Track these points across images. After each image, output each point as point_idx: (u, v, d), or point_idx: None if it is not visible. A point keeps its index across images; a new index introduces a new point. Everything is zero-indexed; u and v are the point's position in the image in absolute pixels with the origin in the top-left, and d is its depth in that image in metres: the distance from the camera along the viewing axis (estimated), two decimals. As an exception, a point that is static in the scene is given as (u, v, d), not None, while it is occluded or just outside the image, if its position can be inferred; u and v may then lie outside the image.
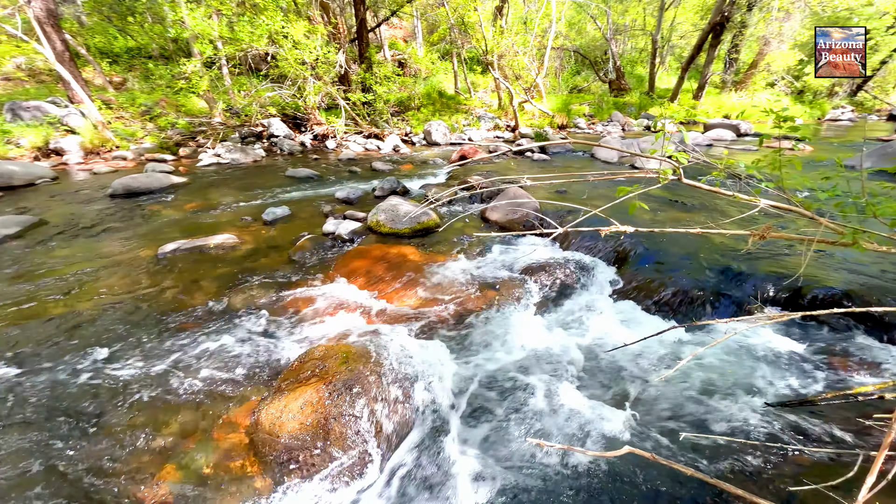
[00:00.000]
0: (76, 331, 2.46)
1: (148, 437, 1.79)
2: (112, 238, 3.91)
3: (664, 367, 1.91)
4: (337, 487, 1.57)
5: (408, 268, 3.01)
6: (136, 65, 12.76)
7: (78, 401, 1.96)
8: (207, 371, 2.15)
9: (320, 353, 1.93)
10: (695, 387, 1.77)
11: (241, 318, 2.55)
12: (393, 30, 18.93)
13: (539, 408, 1.70)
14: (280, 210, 4.40)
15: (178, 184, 5.85)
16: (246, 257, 3.42)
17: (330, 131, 9.52)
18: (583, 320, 2.35)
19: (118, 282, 3.06)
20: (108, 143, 8.02)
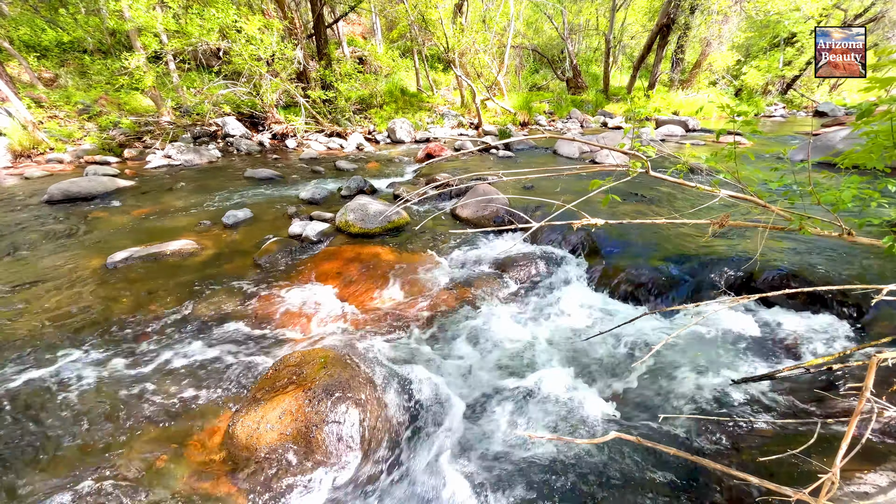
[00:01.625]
0: (12, 347, 2.23)
1: (108, 461, 1.66)
2: (52, 249, 3.58)
3: (638, 351, 1.99)
4: (321, 498, 1.52)
5: (381, 268, 2.96)
6: (69, 60, 11.74)
7: (20, 420, 1.78)
8: (172, 385, 2.02)
9: (296, 359, 1.86)
10: (668, 369, 1.87)
11: (207, 328, 2.42)
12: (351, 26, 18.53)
13: (523, 400, 1.72)
14: (241, 213, 4.20)
15: (124, 188, 5.45)
16: (207, 264, 3.24)
17: (289, 130, 9.20)
18: (557, 311, 2.41)
19: (63, 297, 2.80)
20: (40, 144, 7.33)
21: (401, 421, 1.73)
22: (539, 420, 1.62)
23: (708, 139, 8.56)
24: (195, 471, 1.65)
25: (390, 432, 1.68)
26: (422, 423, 1.73)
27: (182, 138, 8.46)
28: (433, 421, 1.73)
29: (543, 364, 1.95)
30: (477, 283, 2.72)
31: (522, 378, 1.84)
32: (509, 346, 2.14)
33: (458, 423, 1.72)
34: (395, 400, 1.77)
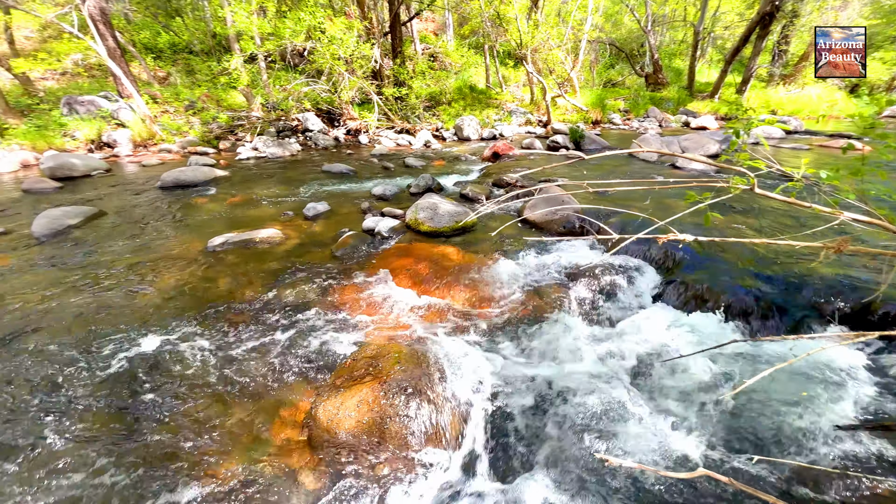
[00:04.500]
0: (133, 320, 2.59)
1: (205, 426, 1.88)
2: (163, 230, 4.10)
3: (725, 381, 1.85)
4: (390, 487, 1.60)
5: (450, 267, 3.02)
6: (178, 60, 13.25)
7: (136, 388, 2.07)
8: (261, 364, 2.23)
9: (373, 351, 1.97)
10: (761, 405, 1.71)
11: (291, 313, 2.63)
12: (424, 23, 18.87)
13: (598, 419, 1.68)
14: (320, 206, 4.49)
15: (220, 177, 6.06)
16: (291, 252, 3.52)
17: (363, 126, 9.63)
18: (633, 328, 2.30)
19: (171, 274, 3.21)
20: (155, 136, 8.38)
21: (469, 423, 1.76)
22: (613, 442, 1.57)
23: (813, 142, 7.58)
24: (280, 443, 1.81)
25: (459, 433, 1.73)
26: (490, 429, 1.75)
27: (268, 132, 9.20)
28: (501, 428, 1.74)
29: (618, 383, 1.88)
30: (547, 291, 2.67)
31: (595, 395, 1.79)
32: (581, 360, 2.09)
33: (527, 433, 1.72)
34: (464, 401, 1.81)
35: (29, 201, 5.08)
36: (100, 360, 2.25)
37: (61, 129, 7.99)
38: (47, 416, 1.88)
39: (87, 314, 2.66)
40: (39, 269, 3.29)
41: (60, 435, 1.79)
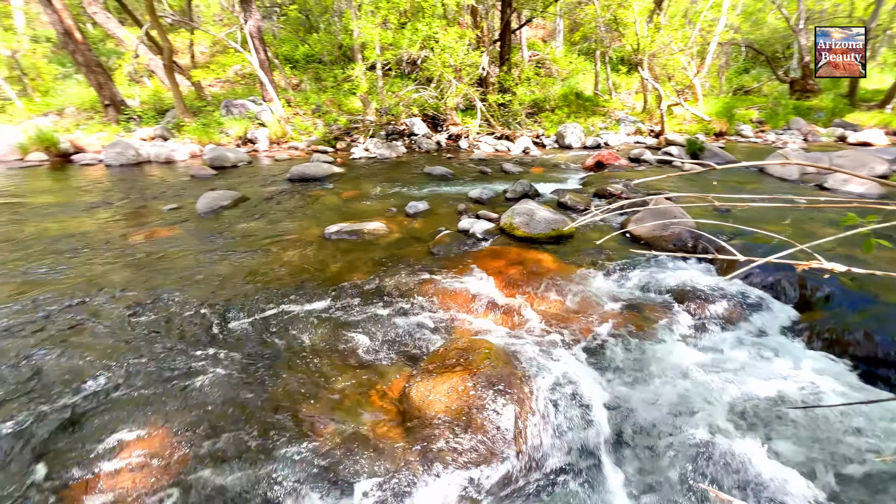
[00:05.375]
0: (264, 285, 3.05)
1: (315, 384, 2.14)
2: (290, 215, 4.74)
3: (872, 441, 1.55)
4: (469, 474, 1.66)
5: (544, 274, 2.99)
6: (309, 69, 15.10)
7: (262, 341, 2.44)
8: (363, 339, 2.47)
9: (464, 344, 2.06)
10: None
11: (391, 299, 2.86)
12: (533, 30, 18.77)
13: (702, 452, 1.54)
14: (421, 205, 4.77)
15: (336, 173, 6.77)
16: (393, 245, 3.81)
17: (464, 131, 9.93)
18: (750, 365, 2.05)
19: (295, 252, 3.70)
20: (286, 135, 9.68)
21: (556, 431, 1.75)
22: (724, 479, 1.42)
23: None
24: (375, 414, 1.99)
25: (544, 439, 1.72)
26: (577, 441, 1.72)
27: (378, 135, 10.00)
28: (589, 442, 1.69)
29: (729, 421, 1.69)
30: (648, 310, 2.51)
31: (700, 429, 1.64)
32: (683, 388, 1.92)
33: (621, 453, 1.65)
34: (552, 409, 1.80)
35: (194, 184, 6.26)
36: (237, 315, 2.69)
37: (219, 128, 9.65)
38: (192, 354, 2.33)
39: (230, 277, 3.21)
40: (199, 239, 4.04)
41: (197, 369, 2.19)
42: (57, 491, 1.57)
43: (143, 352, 2.35)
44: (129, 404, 1.98)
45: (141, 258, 3.60)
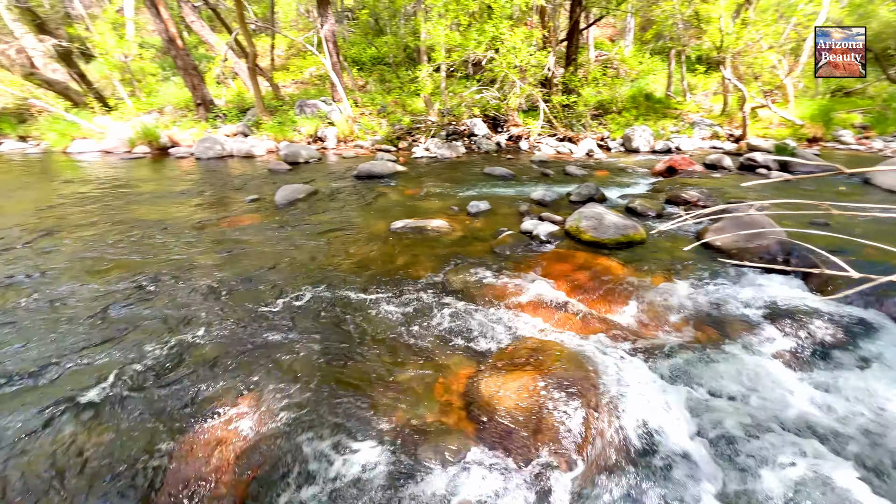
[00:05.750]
0: (335, 273, 3.22)
1: (383, 371, 2.23)
2: (358, 210, 4.97)
3: None
4: (535, 473, 1.65)
5: (612, 281, 2.89)
6: (374, 70, 15.68)
7: (334, 325, 2.58)
8: (428, 332, 2.54)
9: (534, 344, 2.05)
10: None
11: (455, 295, 2.91)
12: (601, 29, 18.09)
13: (796, 480, 1.41)
14: (482, 204, 4.79)
15: (399, 172, 6.99)
16: (456, 243, 3.87)
17: (525, 133, 9.81)
18: (856, 393, 1.84)
19: (363, 244, 3.87)
20: (353, 134, 10.14)
21: (628, 441, 1.69)
22: None
23: None
24: (442, 403, 2.04)
25: (615, 448, 1.67)
26: (650, 454, 1.65)
27: (438, 135, 10.18)
28: (664, 457, 1.62)
29: (831, 448, 1.54)
30: (732, 327, 2.34)
31: (800, 454, 1.51)
32: (772, 410, 1.77)
33: (695, 470, 1.56)
34: (625, 418, 1.74)
35: (271, 178, 6.76)
36: (314, 298, 2.88)
37: (293, 126, 10.33)
38: (276, 331, 2.52)
39: (306, 263, 3.43)
40: (278, 228, 4.37)
41: (280, 344, 2.37)
42: (174, 442, 1.79)
43: (235, 327, 2.59)
44: (226, 370, 2.20)
45: (228, 243, 3.96)
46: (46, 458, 1.71)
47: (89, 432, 1.84)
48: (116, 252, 3.77)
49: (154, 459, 1.71)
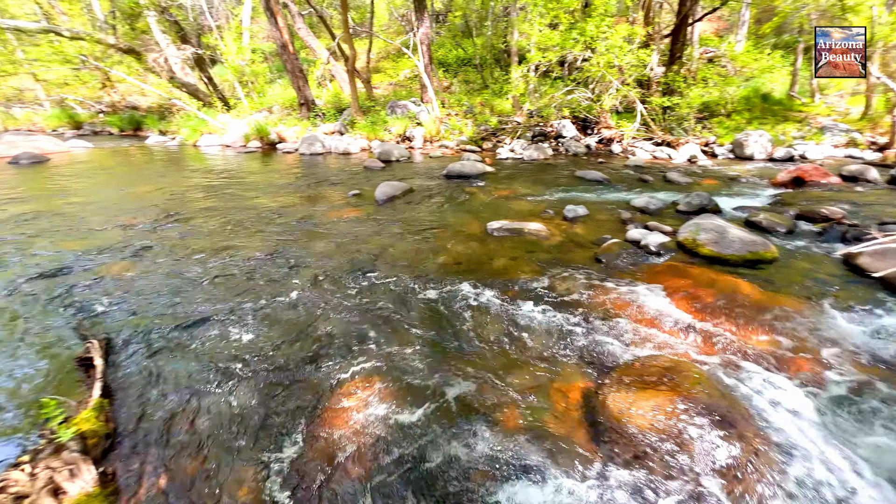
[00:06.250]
0: (436, 269, 3.31)
1: (496, 368, 2.24)
2: (452, 209, 5.07)
3: None
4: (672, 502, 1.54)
5: (743, 302, 2.62)
6: (459, 72, 15.90)
7: (443, 323, 2.64)
8: (536, 337, 2.50)
9: (665, 363, 1.92)
10: None
11: (560, 302, 2.84)
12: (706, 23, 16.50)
13: None
14: (580, 209, 4.63)
15: (487, 172, 7.01)
16: (556, 248, 3.78)
17: (617, 136, 9.30)
18: None
19: (460, 243, 3.94)
20: (439, 134, 10.38)
21: (785, 486, 1.51)
22: None
23: None
24: (558, 413, 2.00)
25: (770, 492, 1.50)
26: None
27: (524, 136, 10.03)
28: None
29: None
30: (910, 368, 1.99)
31: None
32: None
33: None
34: (783, 458, 1.56)
35: (368, 174, 7.17)
36: (421, 293, 2.98)
37: (384, 126, 10.85)
38: (391, 321, 2.65)
39: (408, 258, 3.58)
40: (379, 222, 4.61)
41: (394, 333, 2.48)
42: (310, 415, 1.97)
43: (351, 312, 2.78)
44: (347, 351, 2.36)
45: (337, 234, 4.27)
46: (214, 402, 1.97)
47: (232, 393, 2.09)
48: (243, 235, 4.25)
49: (294, 424, 1.89)
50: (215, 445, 1.76)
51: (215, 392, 2.08)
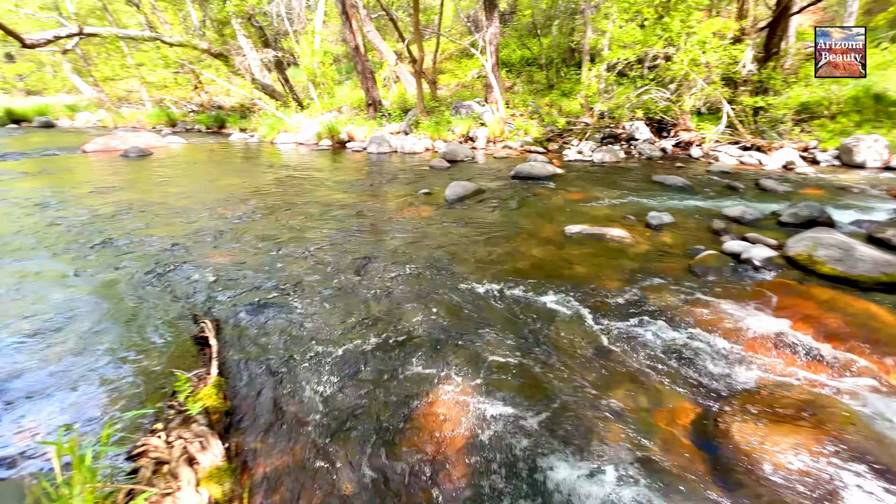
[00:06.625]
0: (520, 276, 3.21)
1: (590, 382, 2.11)
2: (524, 211, 4.95)
3: None
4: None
5: (885, 332, 2.27)
6: (522, 72, 15.62)
7: (526, 330, 2.54)
8: (631, 353, 2.34)
9: (801, 395, 1.71)
10: None
11: (657, 316, 2.64)
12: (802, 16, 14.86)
13: None
14: (664, 216, 4.32)
15: (556, 174, 6.78)
16: (642, 256, 3.55)
17: (697, 139, 8.62)
18: None
19: (535, 246, 3.82)
20: (503, 135, 10.25)
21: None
22: None
23: None
24: (662, 436, 1.84)
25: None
26: None
27: (592, 138, 9.62)
28: None
29: None
30: None
31: None
32: None
33: None
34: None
35: (434, 174, 7.23)
36: (499, 296, 2.91)
37: (448, 126, 10.91)
38: (473, 324, 2.60)
39: (485, 259, 3.52)
40: (452, 222, 4.60)
41: (471, 336, 2.43)
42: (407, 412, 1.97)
43: (434, 312, 2.78)
44: (440, 354, 2.35)
45: (412, 231, 4.32)
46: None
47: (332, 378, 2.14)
48: (325, 229, 4.42)
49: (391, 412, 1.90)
50: (321, 429, 1.81)
51: (316, 376, 2.16)
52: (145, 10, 16.05)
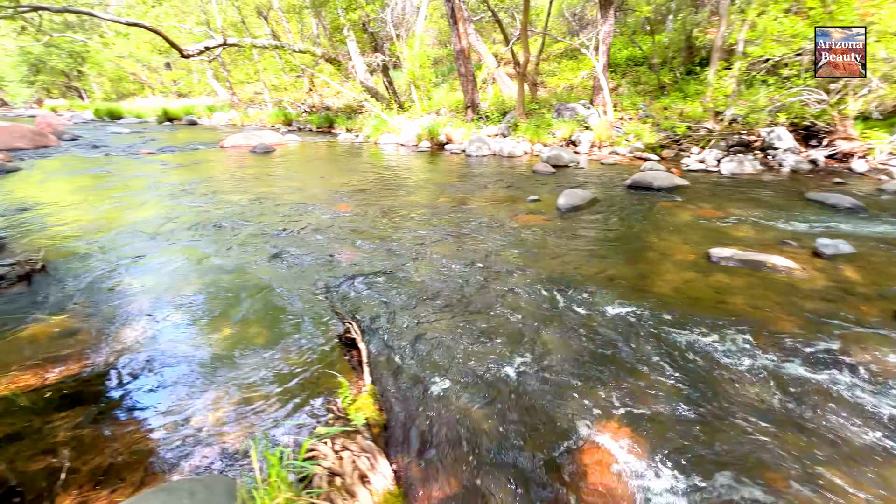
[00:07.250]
0: (660, 304, 2.84)
1: (777, 450, 1.74)
2: (651, 227, 4.47)
3: None
4: None
5: None
6: (628, 72, 14.49)
7: (684, 368, 2.20)
8: (826, 413, 1.89)
9: None
10: None
11: (871, 376, 2.13)
12: None
13: None
14: (841, 245, 3.58)
15: (681, 186, 6.09)
16: (818, 294, 2.95)
17: (861, 149, 7.18)
18: None
19: (672, 271, 3.39)
20: (610, 139, 9.57)
21: None
22: None
23: None
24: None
25: None
26: None
27: (716, 146, 8.53)
28: None
29: None
30: None
31: None
32: None
33: None
34: None
35: (538, 179, 6.96)
36: (639, 325, 2.60)
37: (548, 129, 10.50)
38: (607, 347, 2.33)
39: (616, 280, 3.19)
40: (569, 233, 4.32)
41: (618, 364, 2.15)
42: (560, 444, 1.80)
43: (572, 337, 2.56)
44: (586, 384, 2.14)
45: (526, 241, 4.14)
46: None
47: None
48: (440, 232, 4.43)
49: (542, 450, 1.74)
50: (476, 458, 1.72)
51: (462, 396, 2.08)
52: (272, 21, 17.98)
